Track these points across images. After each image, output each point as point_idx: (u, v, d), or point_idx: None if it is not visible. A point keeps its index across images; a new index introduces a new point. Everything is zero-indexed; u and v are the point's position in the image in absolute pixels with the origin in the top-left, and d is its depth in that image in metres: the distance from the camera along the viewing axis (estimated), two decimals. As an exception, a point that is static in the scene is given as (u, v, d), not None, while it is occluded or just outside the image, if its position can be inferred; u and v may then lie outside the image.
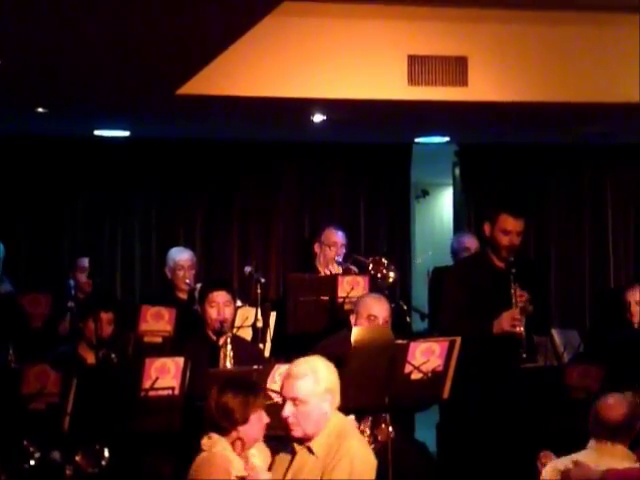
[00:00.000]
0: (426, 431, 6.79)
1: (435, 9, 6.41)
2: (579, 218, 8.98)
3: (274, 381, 4.97)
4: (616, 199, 9.02)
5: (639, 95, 6.65)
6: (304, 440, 4.14)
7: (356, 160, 8.67)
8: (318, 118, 7.14)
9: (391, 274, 6.83)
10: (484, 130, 8.11)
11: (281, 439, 4.29)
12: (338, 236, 7.11)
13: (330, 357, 5.04)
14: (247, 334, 6.10)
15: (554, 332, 7.07)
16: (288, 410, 4.13)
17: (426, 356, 5.28)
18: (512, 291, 5.83)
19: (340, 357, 5.21)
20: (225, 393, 4.16)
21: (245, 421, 4.13)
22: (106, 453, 4.81)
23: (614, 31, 6.59)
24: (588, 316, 8.90)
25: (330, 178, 8.67)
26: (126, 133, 7.91)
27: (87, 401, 4.77)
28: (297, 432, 4.13)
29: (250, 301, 6.44)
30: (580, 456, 4.48)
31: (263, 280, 6.30)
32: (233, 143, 8.33)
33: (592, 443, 4.52)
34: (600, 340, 6.74)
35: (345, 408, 5.35)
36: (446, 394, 5.41)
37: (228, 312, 5.76)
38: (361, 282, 6.51)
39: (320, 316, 6.36)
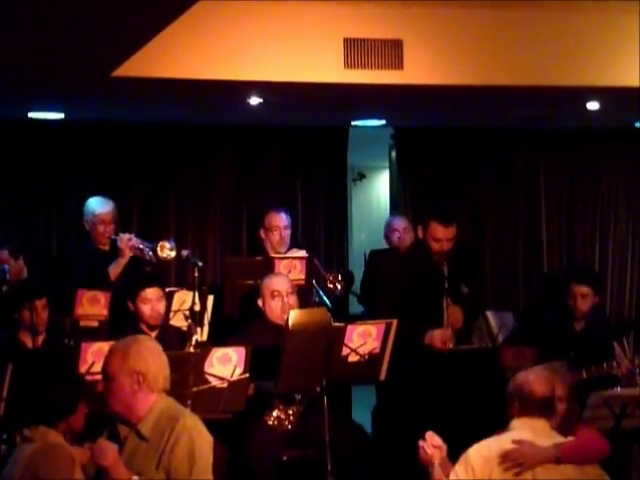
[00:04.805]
0: (363, 413, 6.85)
1: (371, -8, 6.43)
2: (513, 202, 9.07)
3: (211, 365, 4.98)
4: (549, 183, 9.12)
5: (574, 78, 6.77)
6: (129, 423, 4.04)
7: (293, 143, 8.67)
8: (255, 101, 7.13)
9: (338, 286, 6.86)
10: (420, 113, 8.16)
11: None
12: (281, 218, 7.10)
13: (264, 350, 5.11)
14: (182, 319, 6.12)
15: (488, 314, 7.15)
16: (101, 385, 4.11)
17: (363, 338, 5.33)
18: (444, 306, 5.90)
19: (273, 347, 5.27)
20: (53, 384, 4.08)
21: (74, 410, 4.09)
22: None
23: (548, 14, 6.64)
24: (522, 298, 9.01)
25: (267, 161, 8.65)
26: (61, 115, 7.82)
27: (24, 386, 4.74)
28: (109, 409, 4.06)
29: (187, 285, 6.44)
30: (513, 436, 4.37)
31: (200, 264, 6.29)
32: (169, 126, 8.28)
33: (518, 422, 4.41)
34: (533, 320, 6.84)
35: (283, 391, 5.43)
36: (383, 376, 5.46)
37: (161, 307, 5.86)
38: (298, 265, 6.53)
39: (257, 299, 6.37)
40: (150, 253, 6.67)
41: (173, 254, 6.54)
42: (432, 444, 4.44)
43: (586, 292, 6.25)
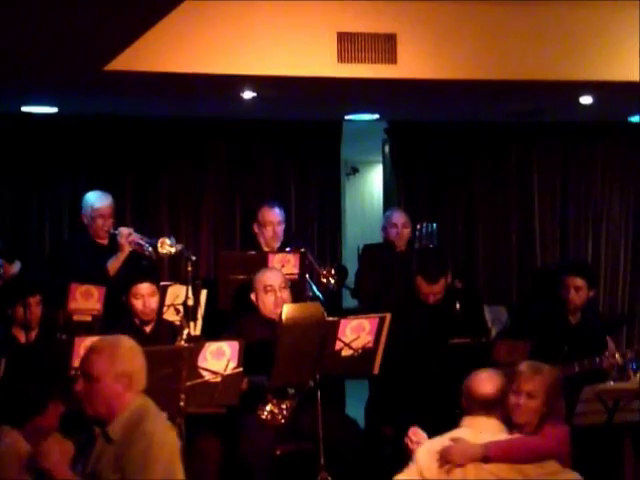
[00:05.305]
0: (356, 408, 6.85)
1: (364, -14, 6.43)
2: (506, 196, 9.07)
3: (205, 359, 4.98)
4: (542, 178, 9.12)
5: (567, 72, 6.78)
6: (102, 424, 3.92)
7: (286, 137, 8.66)
8: (248, 95, 7.12)
9: (332, 281, 6.85)
10: (414, 108, 8.16)
11: None
12: (274, 213, 7.09)
13: (257, 344, 5.12)
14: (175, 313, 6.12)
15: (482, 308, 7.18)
16: (80, 385, 3.92)
17: (356, 333, 5.34)
18: None
19: (266, 342, 5.28)
20: (21, 385, 4.07)
21: (42, 411, 4.05)
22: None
23: (542, 8, 6.65)
24: (515, 292, 9.02)
25: (260, 155, 8.64)
26: (54, 109, 7.81)
27: (17, 379, 4.75)
28: (88, 410, 3.91)
29: (181, 279, 6.43)
30: (456, 434, 4.53)
31: (194, 258, 6.29)
32: (163, 120, 8.26)
33: (466, 420, 4.58)
34: (525, 314, 6.86)
35: (276, 385, 5.44)
36: (376, 370, 5.47)
37: (153, 302, 5.87)
38: (292, 259, 6.53)
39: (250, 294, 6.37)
40: (150, 249, 6.65)
41: (174, 250, 6.53)
42: (414, 439, 4.53)
43: (580, 284, 6.25)
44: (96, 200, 7.03)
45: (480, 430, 4.52)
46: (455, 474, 4.40)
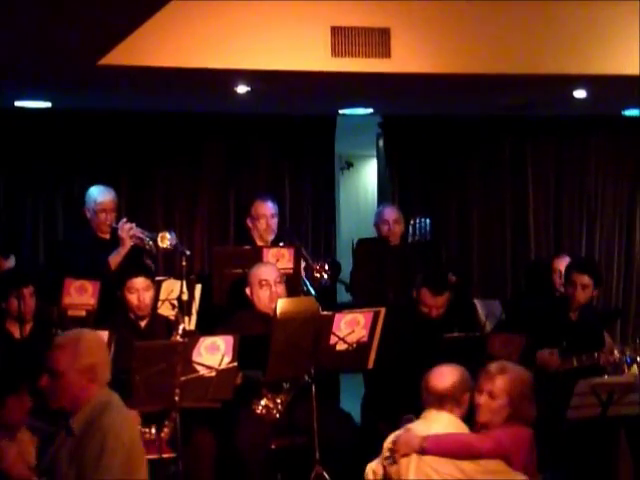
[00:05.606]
0: (351, 402, 6.85)
1: (358, -20, 6.43)
2: (500, 190, 9.08)
3: (199, 354, 4.98)
4: (536, 171, 9.13)
5: (561, 66, 6.78)
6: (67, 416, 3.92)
7: (280, 132, 8.66)
8: (242, 89, 7.11)
9: (325, 276, 6.85)
10: (407, 102, 8.15)
11: None
12: (267, 207, 7.07)
13: (252, 339, 5.12)
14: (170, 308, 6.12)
15: (476, 302, 7.19)
16: (44, 381, 3.91)
17: (351, 327, 5.33)
18: None
19: (261, 336, 5.28)
20: None
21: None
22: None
23: (535, 2, 6.65)
24: (509, 286, 9.03)
25: (254, 150, 8.64)
26: (47, 104, 7.79)
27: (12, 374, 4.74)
28: (53, 404, 3.93)
29: (175, 274, 6.43)
30: (414, 424, 4.62)
31: (188, 252, 6.29)
32: (157, 115, 8.25)
33: (424, 412, 4.67)
34: (521, 308, 6.87)
35: (271, 379, 5.44)
36: (371, 364, 5.47)
37: (148, 297, 5.86)
38: (286, 254, 6.52)
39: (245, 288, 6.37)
40: (150, 243, 6.66)
41: (173, 243, 6.52)
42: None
43: (587, 283, 6.24)
44: (99, 194, 7.01)
45: (431, 423, 4.61)
46: (401, 464, 4.51)
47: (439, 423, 4.59)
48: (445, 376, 4.68)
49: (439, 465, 4.45)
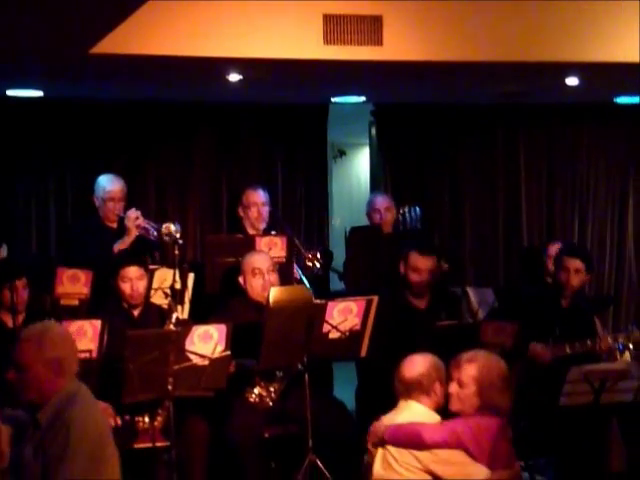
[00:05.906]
0: (344, 391, 6.86)
1: (350, -32, 6.41)
2: (493, 178, 9.08)
3: (192, 342, 4.98)
4: (528, 159, 9.13)
5: (553, 53, 6.78)
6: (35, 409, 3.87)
7: (273, 120, 8.64)
8: (234, 77, 7.10)
9: (317, 264, 6.85)
10: (400, 89, 8.14)
11: None
12: (258, 195, 7.10)
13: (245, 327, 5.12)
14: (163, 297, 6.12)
15: (469, 290, 7.19)
16: (11, 375, 3.88)
17: (344, 315, 5.34)
18: None
19: (254, 325, 5.29)
20: None
21: None
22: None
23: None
24: (502, 274, 9.04)
25: (247, 138, 8.63)
26: (39, 93, 7.77)
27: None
28: (21, 397, 3.89)
29: (168, 263, 6.43)
30: (386, 415, 4.69)
31: (181, 241, 6.29)
32: (149, 104, 8.23)
33: (399, 402, 4.72)
34: (514, 296, 6.87)
35: (264, 368, 5.44)
36: (364, 352, 5.48)
37: (141, 286, 5.87)
38: (279, 242, 6.52)
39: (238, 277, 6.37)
40: (155, 233, 6.67)
41: (178, 236, 6.51)
42: None
43: (579, 267, 6.25)
44: (108, 183, 7.07)
45: (398, 413, 4.67)
46: (372, 452, 4.63)
47: (406, 412, 4.64)
48: (414, 365, 4.71)
49: (399, 454, 4.51)
